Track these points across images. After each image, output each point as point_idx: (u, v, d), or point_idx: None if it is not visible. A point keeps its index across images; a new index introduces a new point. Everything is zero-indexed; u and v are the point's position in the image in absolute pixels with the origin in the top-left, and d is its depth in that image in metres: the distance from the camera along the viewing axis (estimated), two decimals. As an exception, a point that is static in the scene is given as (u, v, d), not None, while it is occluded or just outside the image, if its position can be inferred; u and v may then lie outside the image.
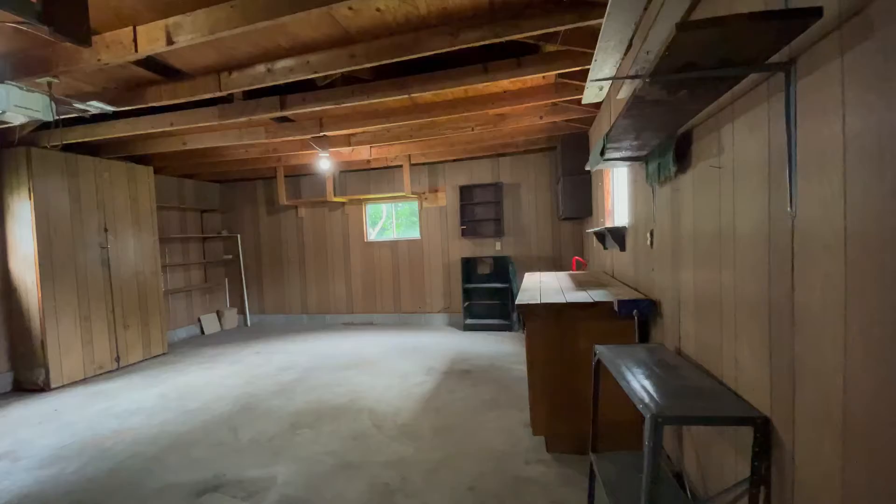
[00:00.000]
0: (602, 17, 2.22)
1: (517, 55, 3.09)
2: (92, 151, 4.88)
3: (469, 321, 6.10)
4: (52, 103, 2.83)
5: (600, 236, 3.80)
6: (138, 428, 3.32)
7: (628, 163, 2.54)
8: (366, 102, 3.54)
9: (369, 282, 6.87)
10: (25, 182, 4.27)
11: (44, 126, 3.98)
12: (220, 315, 6.97)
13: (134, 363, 5.16)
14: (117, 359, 4.96)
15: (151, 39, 2.37)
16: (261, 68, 3.03)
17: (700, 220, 1.78)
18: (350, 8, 2.35)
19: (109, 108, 3.16)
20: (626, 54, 2.36)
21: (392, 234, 7.06)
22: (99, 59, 2.45)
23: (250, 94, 3.63)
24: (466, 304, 6.18)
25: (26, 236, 4.31)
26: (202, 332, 6.74)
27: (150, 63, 2.94)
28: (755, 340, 1.39)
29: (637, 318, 2.33)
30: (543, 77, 3.50)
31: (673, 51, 1.05)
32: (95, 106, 3.08)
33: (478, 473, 2.48)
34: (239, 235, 7.27)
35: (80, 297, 4.61)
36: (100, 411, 3.70)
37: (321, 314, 7.09)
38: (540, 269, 6.03)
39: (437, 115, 4.05)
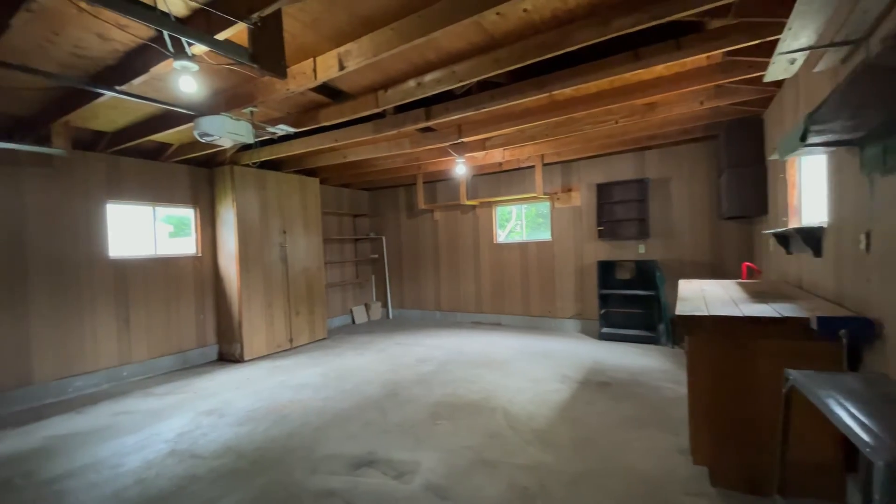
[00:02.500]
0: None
1: (674, 36, 2.78)
2: (275, 167, 5.88)
3: (606, 330, 5.71)
4: (253, 128, 3.48)
5: (783, 239, 3.18)
6: (307, 401, 3.87)
7: (830, 149, 2.08)
8: (503, 106, 3.57)
9: (498, 283, 6.92)
10: (230, 194, 5.35)
11: (242, 148, 4.94)
12: (367, 307, 7.78)
13: (302, 345, 6.06)
14: (290, 340, 5.88)
15: (327, 67, 2.75)
16: (411, 83, 3.28)
17: (958, 217, 1.35)
18: (498, 13, 2.39)
19: (292, 130, 3.77)
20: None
21: (521, 236, 7.01)
22: (288, 89, 2.94)
23: (399, 109, 3.96)
24: (603, 311, 5.79)
25: (230, 237, 5.39)
26: (353, 321, 7.61)
27: (322, 88, 3.41)
28: None
29: (845, 341, 1.88)
30: (707, 57, 3.08)
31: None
32: (282, 129, 3.71)
33: (625, 495, 2.28)
34: (384, 237, 8.03)
35: (265, 287, 5.60)
36: (279, 383, 4.42)
37: (452, 311, 7.39)
38: (694, 276, 5.32)
39: (576, 110, 3.87)
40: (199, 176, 5.50)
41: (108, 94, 2.91)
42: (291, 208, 5.99)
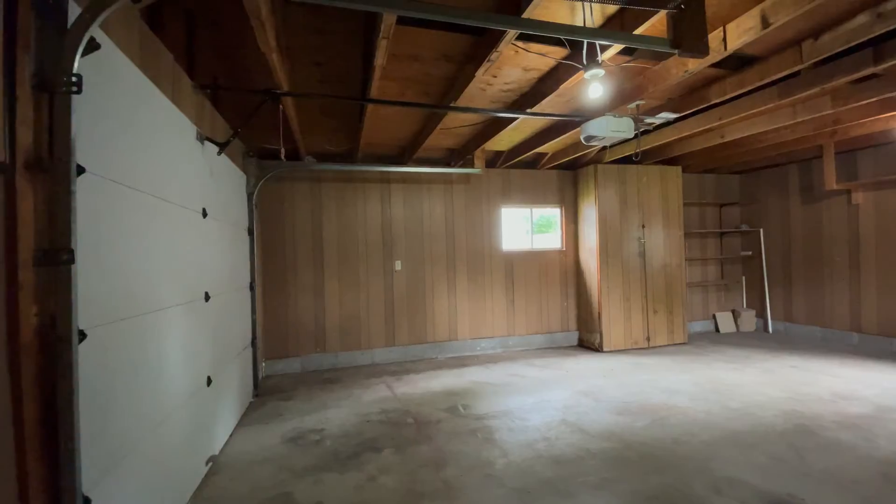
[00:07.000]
0: None
1: None
2: (634, 161, 5.78)
3: None
4: (634, 123, 3.47)
5: None
6: (684, 408, 3.57)
7: None
8: None
9: None
10: (592, 191, 5.64)
11: (604, 147, 5.07)
12: (735, 315, 6.57)
13: (659, 346, 5.73)
14: (647, 339, 5.68)
15: (742, 32, 2.37)
16: (861, 18, 2.40)
17: None
18: None
19: (672, 116, 3.54)
20: None
21: None
22: (686, 70, 2.73)
23: (820, 62, 3.01)
24: None
25: (591, 232, 5.69)
26: (717, 329, 6.59)
27: (717, 61, 3.00)
28: None
29: None
30: None
31: None
32: (663, 117, 3.54)
33: None
34: (761, 229, 6.52)
35: (623, 281, 5.61)
36: (644, 381, 4.30)
37: (886, 336, 5.16)
38: None
39: None
40: (564, 178, 6.10)
41: (521, 117, 3.57)
42: (650, 201, 5.74)
